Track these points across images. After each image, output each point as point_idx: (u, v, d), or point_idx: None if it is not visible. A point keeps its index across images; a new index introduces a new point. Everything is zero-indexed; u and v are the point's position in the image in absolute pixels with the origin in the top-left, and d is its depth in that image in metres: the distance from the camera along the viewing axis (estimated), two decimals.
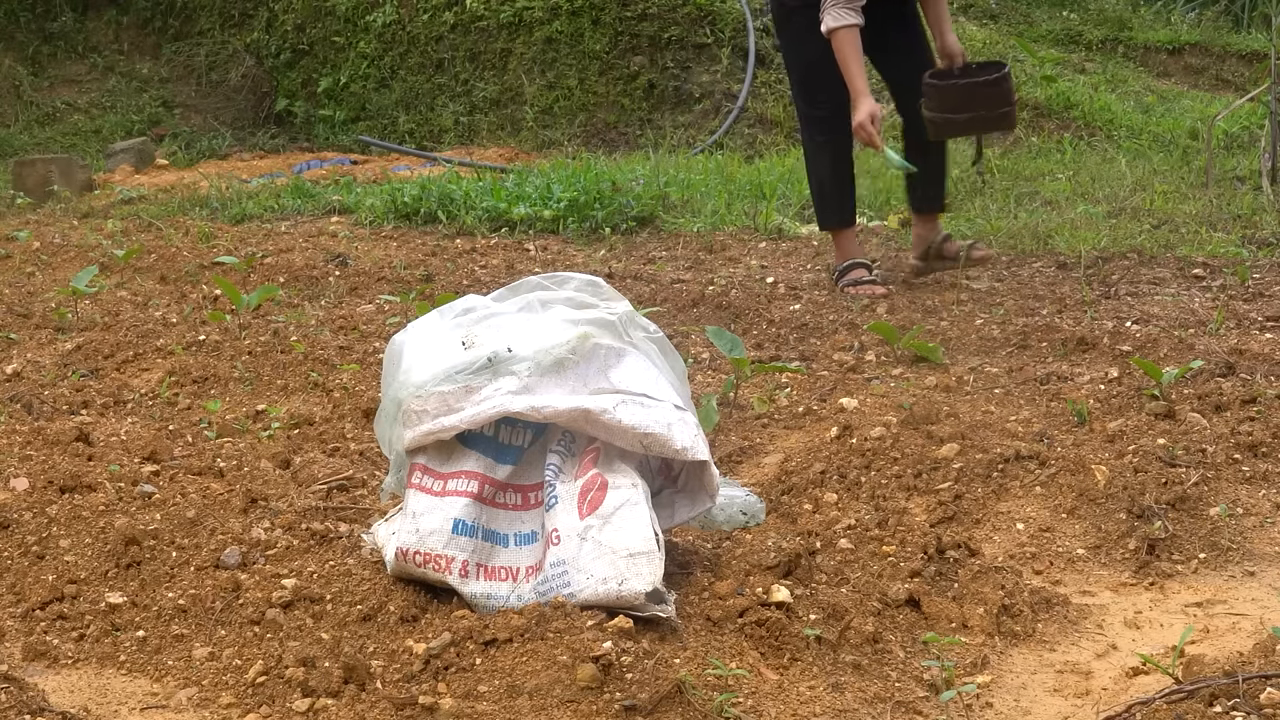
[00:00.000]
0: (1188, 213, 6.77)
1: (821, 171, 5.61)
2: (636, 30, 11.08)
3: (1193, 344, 4.32)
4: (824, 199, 5.67)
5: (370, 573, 2.56)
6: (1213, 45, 10.98)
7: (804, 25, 5.35)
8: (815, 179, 5.66)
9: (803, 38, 5.39)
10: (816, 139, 5.57)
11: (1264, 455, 3.23)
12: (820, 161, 5.59)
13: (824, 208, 5.69)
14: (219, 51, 12.81)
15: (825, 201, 5.66)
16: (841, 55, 5.24)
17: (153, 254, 6.46)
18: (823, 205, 5.69)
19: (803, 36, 5.38)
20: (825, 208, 5.68)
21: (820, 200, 5.69)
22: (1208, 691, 2.15)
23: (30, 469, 3.20)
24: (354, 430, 3.69)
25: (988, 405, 3.75)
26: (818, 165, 5.61)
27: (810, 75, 5.45)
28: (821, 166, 5.60)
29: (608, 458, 2.49)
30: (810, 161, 5.66)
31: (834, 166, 5.57)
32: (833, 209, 5.64)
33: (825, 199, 5.66)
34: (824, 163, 5.58)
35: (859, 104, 5.25)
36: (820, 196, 5.68)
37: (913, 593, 2.56)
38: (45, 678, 2.40)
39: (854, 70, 5.25)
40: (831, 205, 5.64)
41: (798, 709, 2.24)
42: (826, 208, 5.67)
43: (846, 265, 5.57)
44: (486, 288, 5.20)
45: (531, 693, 2.18)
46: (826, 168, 5.58)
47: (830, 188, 5.62)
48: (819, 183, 5.65)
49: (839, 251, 5.66)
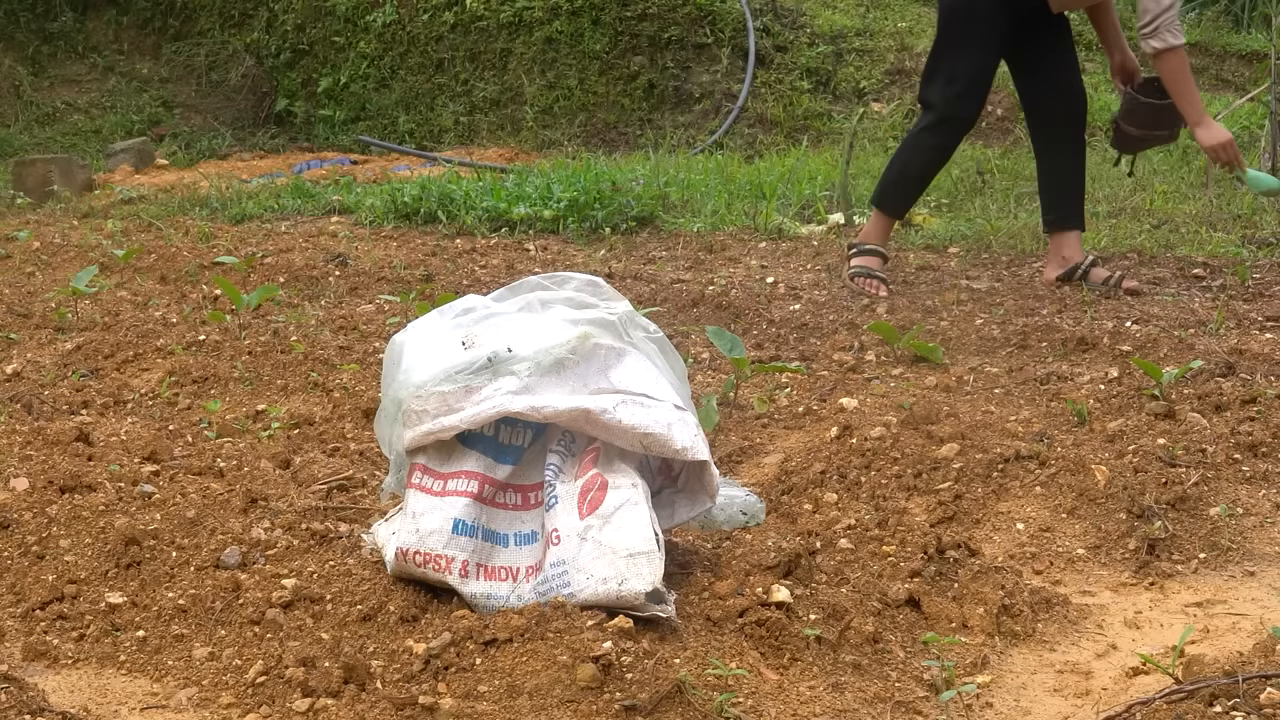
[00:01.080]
0: (1188, 213, 6.77)
1: (916, 164, 5.48)
2: (636, 30, 11.08)
3: (1193, 344, 4.32)
4: (899, 186, 5.54)
5: (370, 573, 2.56)
6: (1213, 45, 10.97)
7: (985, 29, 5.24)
8: (904, 166, 5.51)
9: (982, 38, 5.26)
10: (934, 139, 5.41)
11: (1264, 455, 3.23)
12: (924, 157, 5.46)
13: (894, 193, 5.55)
14: (219, 51, 12.81)
15: (898, 190, 5.54)
16: (1180, 75, 5.08)
17: (153, 254, 6.46)
18: (894, 191, 5.54)
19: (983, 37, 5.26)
20: (895, 194, 5.55)
21: (895, 186, 5.55)
22: (1208, 691, 2.15)
23: (30, 469, 3.20)
24: (354, 430, 3.69)
25: (988, 405, 3.75)
26: (919, 159, 5.47)
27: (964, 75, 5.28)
28: (919, 160, 5.46)
29: (608, 458, 2.49)
30: (914, 149, 5.49)
31: (930, 165, 5.49)
32: (900, 199, 5.56)
33: (900, 187, 5.54)
34: (927, 161, 5.47)
35: (1208, 124, 5.15)
36: (899, 184, 5.54)
37: (913, 593, 2.57)
38: (45, 678, 2.40)
39: (1194, 90, 5.13)
40: (902, 196, 5.55)
41: (798, 709, 2.24)
42: (896, 195, 5.55)
43: (870, 247, 5.53)
44: (486, 288, 5.20)
45: (531, 693, 2.18)
46: (923, 165, 5.47)
47: (913, 182, 5.53)
48: (904, 171, 5.51)
49: (873, 231, 5.59)
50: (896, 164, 5.56)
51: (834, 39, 10.89)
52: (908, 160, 5.50)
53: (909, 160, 5.49)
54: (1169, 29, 5.02)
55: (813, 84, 10.63)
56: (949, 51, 5.34)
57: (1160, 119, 5.30)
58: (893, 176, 5.56)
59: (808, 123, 10.31)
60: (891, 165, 5.60)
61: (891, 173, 5.57)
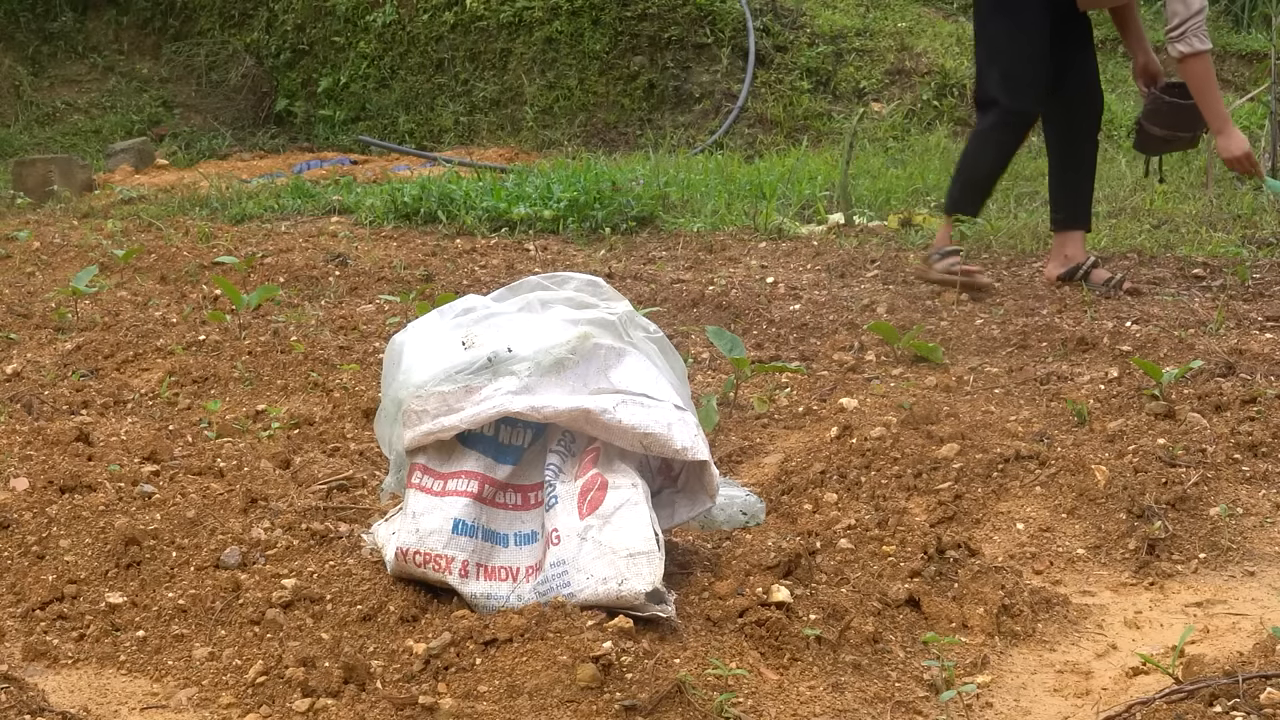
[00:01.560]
0: (1188, 213, 6.77)
1: (985, 162, 5.37)
2: (636, 30, 11.09)
3: (1193, 344, 4.32)
4: (974, 188, 5.43)
5: (370, 573, 2.56)
6: (1213, 45, 10.97)
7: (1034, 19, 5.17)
8: (973, 167, 5.41)
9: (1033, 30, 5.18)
10: (1001, 134, 5.31)
11: (1264, 455, 3.23)
12: (992, 154, 5.35)
13: (964, 195, 5.43)
14: (219, 51, 12.82)
15: (969, 191, 5.43)
16: (1205, 80, 5.06)
17: (153, 254, 6.46)
18: (964, 192, 5.43)
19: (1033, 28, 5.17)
20: (965, 196, 5.43)
21: (966, 190, 5.44)
22: (1208, 691, 2.15)
23: (30, 469, 3.19)
24: (354, 430, 3.69)
25: (988, 405, 3.75)
26: (986, 156, 5.37)
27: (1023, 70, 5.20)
28: (986, 158, 5.36)
29: (608, 458, 2.49)
30: (980, 147, 5.39)
31: (998, 163, 5.38)
32: (970, 199, 5.44)
33: (975, 188, 5.43)
34: (995, 158, 5.36)
35: (1230, 133, 5.11)
36: (970, 185, 5.43)
37: (913, 593, 2.56)
38: (45, 678, 2.40)
39: (1218, 97, 5.09)
40: (972, 196, 5.43)
41: (798, 709, 2.24)
42: (966, 196, 5.43)
43: (949, 249, 5.41)
44: (486, 288, 5.20)
45: (531, 693, 2.18)
46: (991, 162, 5.37)
47: (983, 181, 5.43)
48: (974, 171, 5.41)
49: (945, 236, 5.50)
50: (964, 168, 5.45)
51: (834, 39, 10.89)
52: (975, 163, 5.39)
53: (977, 162, 5.39)
54: (1196, 33, 5.00)
55: (813, 84, 10.63)
56: (1000, 47, 5.26)
57: (1182, 120, 5.27)
58: (962, 181, 5.45)
59: (808, 123, 10.31)
60: (959, 171, 5.49)
61: (961, 178, 5.46)
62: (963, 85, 10.20)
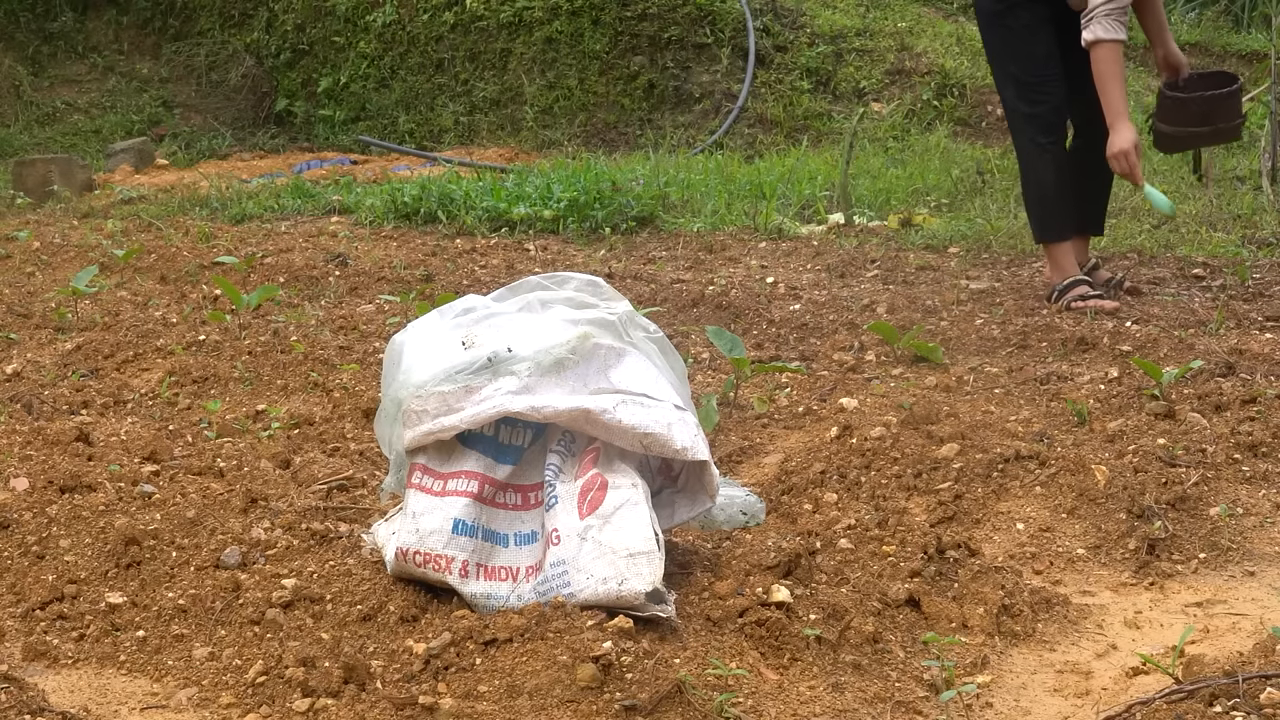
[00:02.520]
0: (1188, 213, 6.77)
1: (1044, 177, 5.08)
2: (636, 30, 11.08)
3: (1193, 344, 4.32)
4: (1045, 207, 5.11)
5: (370, 573, 2.56)
6: (1213, 45, 10.97)
7: (1030, 19, 5.00)
8: (1035, 186, 5.13)
9: (1032, 31, 5.01)
10: (1039, 140, 5.06)
11: (1264, 455, 3.23)
12: (1042, 165, 5.08)
13: (1045, 218, 5.12)
14: (219, 51, 12.82)
15: (1047, 210, 5.11)
16: (1106, 71, 4.80)
17: (153, 254, 6.46)
18: (1043, 215, 5.13)
19: (1031, 29, 5.00)
20: (1046, 218, 5.12)
21: (1041, 209, 5.13)
22: (1208, 691, 2.15)
23: (30, 469, 3.20)
24: (354, 430, 3.69)
25: (988, 405, 3.75)
26: (1039, 170, 5.09)
27: (1034, 72, 5.01)
28: (1044, 171, 5.07)
29: (608, 458, 2.49)
30: (1030, 166, 5.13)
31: (1058, 171, 5.06)
32: (1053, 220, 5.11)
33: (1047, 208, 5.10)
34: (1047, 167, 5.07)
35: (1120, 128, 4.80)
36: (1040, 205, 5.12)
37: (913, 593, 2.57)
38: (45, 678, 2.40)
39: (1117, 89, 4.82)
40: (1053, 216, 5.11)
41: (798, 709, 2.24)
42: (1047, 218, 5.11)
43: (1068, 284, 5.06)
44: (486, 288, 5.20)
45: (531, 693, 2.18)
46: (1050, 172, 5.06)
47: (1054, 195, 5.08)
48: (1039, 189, 5.11)
49: (1056, 268, 5.13)
50: (1029, 189, 5.17)
51: (834, 39, 10.89)
52: (1039, 179, 5.11)
53: (1040, 178, 5.10)
54: (1107, 20, 4.80)
55: (813, 84, 10.63)
56: (1007, 56, 5.10)
57: (1190, 115, 5.06)
58: (1033, 201, 5.17)
59: (808, 123, 10.31)
60: (1028, 195, 5.21)
61: (1033, 200, 5.17)
62: (963, 85, 10.21)
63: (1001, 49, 5.16)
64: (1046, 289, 5.18)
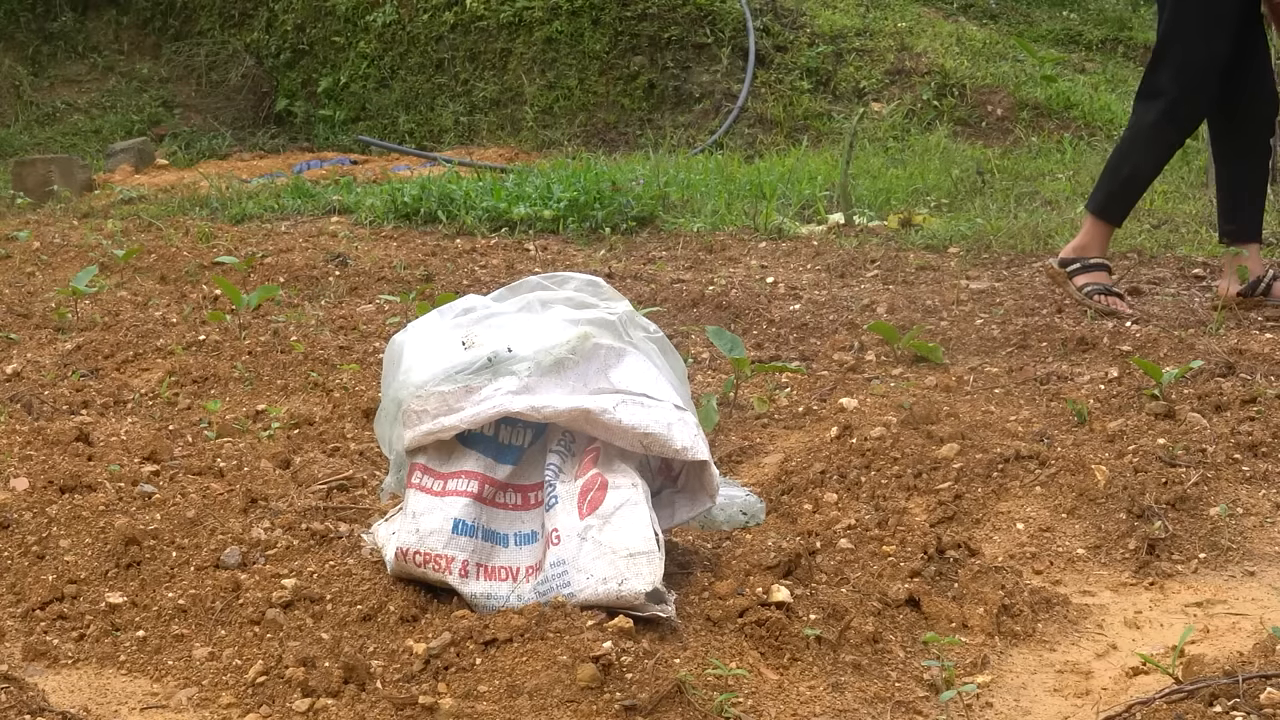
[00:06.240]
0: (1188, 213, 6.77)
1: (1149, 163, 4.97)
2: (636, 30, 11.08)
3: (1193, 344, 4.32)
4: (1128, 189, 5.02)
5: (370, 573, 2.56)
6: None
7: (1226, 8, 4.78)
8: (1130, 164, 4.97)
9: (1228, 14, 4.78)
10: (1163, 124, 4.88)
11: (1264, 455, 3.23)
12: (1155, 153, 4.96)
13: (1117, 196, 5.02)
14: (219, 51, 12.81)
15: (1124, 191, 5.01)
16: None
17: (153, 254, 6.46)
18: (1118, 193, 5.01)
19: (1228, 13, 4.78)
20: (1118, 197, 5.02)
21: (1125, 188, 5.02)
22: (1208, 691, 2.15)
23: (30, 469, 3.20)
24: (354, 430, 3.69)
25: (988, 405, 3.75)
26: (1150, 156, 4.96)
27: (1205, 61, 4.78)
28: (1151, 158, 4.96)
29: (608, 458, 2.49)
30: (1144, 148, 4.95)
31: (1160, 164, 5.01)
32: (1122, 202, 5.04)
33: (1126, 188, 5.01)
34: (1157, 156, 4.97)
35: None
36: (1124, 183, 5.00)
37: (913, 593, 2.57)
38: (45, 678, 2.40)
39: None
40: (1125, 198, 5.04)
41: (798, 709, 2.25)
42: (1118, 198, 5.02)
43: (1094, 261, 5.00)
44: (486, 288, 5.20)
45: (531, 693, 2.18)
46: (1152, 160, 4.96)
47: (1143, 183, 5.04)
48: (1133, 169, 4.97)
49: (1092, 242, 5.04)
50: (1125, 166, 4.99)
51: (834, 39, 10.89)
52: (1140, 160, 4.97)
53: (1141, 160, 4.97)
54: None
55: (813, 84, 10.63)
56: (1183, 35, 4.83)
57: None
58: (1122, 179, 5.01)
59: (808, 123, 10.31)
60: (1118, 168, 5.02)
61: (1120, 175, 5.01)
62: (963, 85, 10.21)
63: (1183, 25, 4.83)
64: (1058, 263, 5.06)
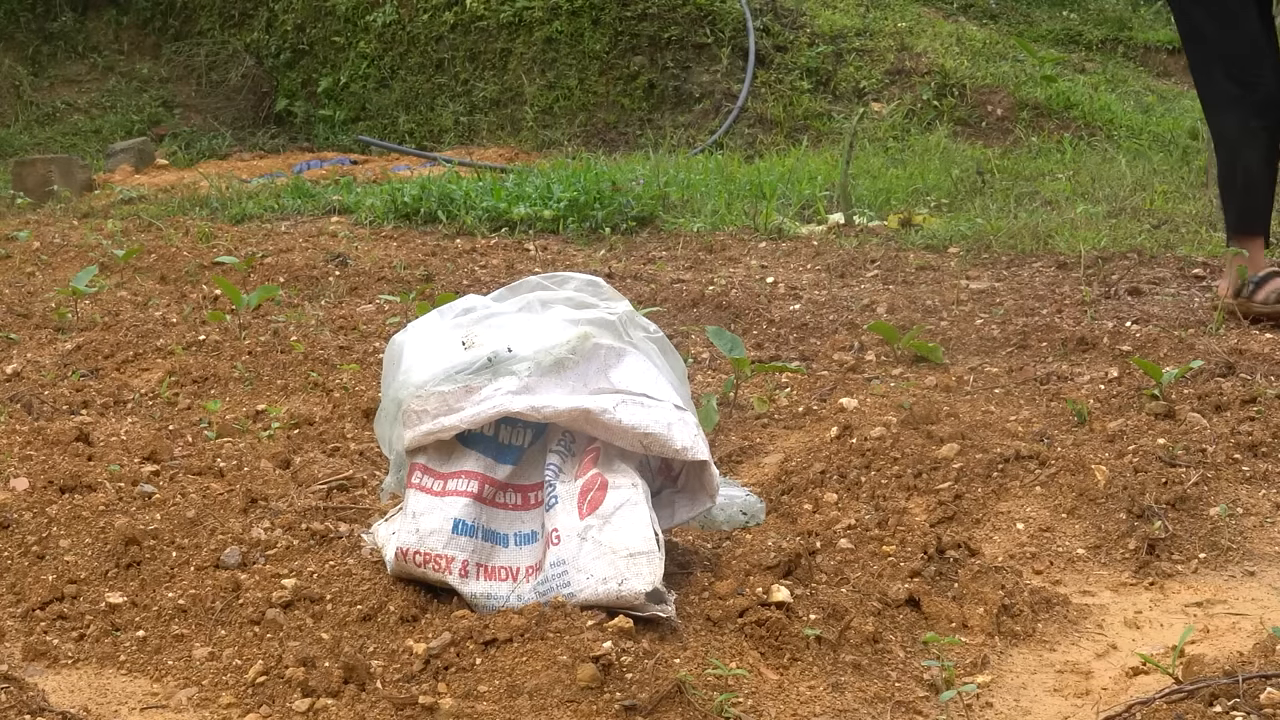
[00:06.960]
0: (1188, 213, 6.77)
1: (1252, 162, 4.61)
2: (636, 30, 11.08)
3: (1193, 344, 4.32)
4: (1248, 196, 4.67)
5: (370, 573, 2.56)
6: None
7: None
8: (1240, 173, 4.66)
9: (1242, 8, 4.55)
10: (1251, 124, 4.58)
11: (1264, 455, 3.23)
12: (1252, 151, 4.61)
13: (1244, 208, 4.69)
14: (219, 51, 12.81)
15: (1249, 200, 4.67)
16: None
17: (153, 254, 6.46)
18: (1245, 205, 4.69)
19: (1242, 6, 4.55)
20: (1246, 208, 4.69)
21: (1243, 199, 4.68)
22: (1208, 691, 2.15)
23: (30, 469, 3.20)
24: (354, 430, 3.69)
25: (988, 405, 3.75)
26: (1246, 155, 4.62)
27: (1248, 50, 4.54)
28: (1252, 156, 4.61)
29: (608, 458, 2.49)
30: (1233, 152, 4.66)
31: (1267, 158, 4.60)
32: (1254, 210, 4.68)
33: (1250, 197, 4.66)
34: (1256, 153, 4.61)
35: None
36: (1244, 194, 4.67)
37: (913, 593, 2.57)
38: (45, 678, 2.40)
39: None
40: (1255, 205, 4.67)
41: (798, 709, 2.24)
42: (1247, 208, 4.69)
43: (1264, 275, 4.65)
44: (486, 288, 5.20)
45: (531, 693, 2.18)
46: (1258, 158, 4.61)
47: (1260, 184, 4.64)
48: (1246, 176, 4.64)
49: (1251, 261, 4.68)
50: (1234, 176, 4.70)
51: (834, 39, 10.89)
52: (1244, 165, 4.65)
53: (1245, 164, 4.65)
54: None
55: (813, 84, 10.63)
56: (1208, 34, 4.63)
57: None
58: (1238, 190, 4.71)
59: (808, 123, 10.31)
60: (1227, 183, 4.75)
61: (1233, 189, 4.72)
62: (963, 85, 10.21)
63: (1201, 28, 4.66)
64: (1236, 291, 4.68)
